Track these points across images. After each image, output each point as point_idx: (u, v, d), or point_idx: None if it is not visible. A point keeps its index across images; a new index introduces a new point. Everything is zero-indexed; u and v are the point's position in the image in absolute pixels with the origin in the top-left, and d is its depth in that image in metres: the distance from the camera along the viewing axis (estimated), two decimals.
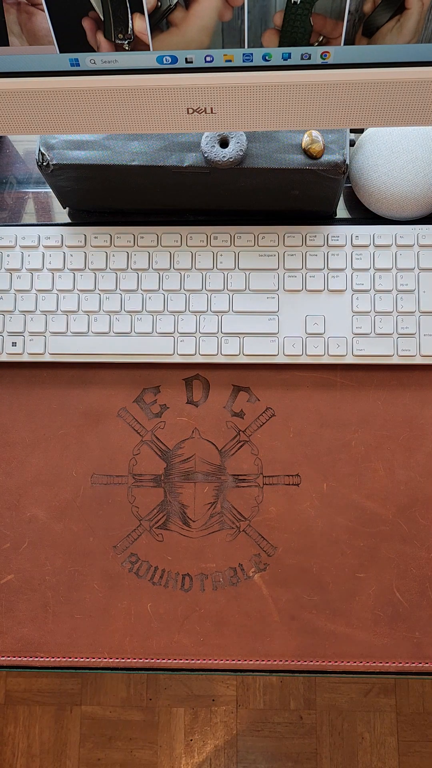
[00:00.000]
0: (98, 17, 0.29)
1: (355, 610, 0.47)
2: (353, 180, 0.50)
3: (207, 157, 0.44)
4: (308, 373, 0.50)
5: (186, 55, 0.31)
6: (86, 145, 0.45)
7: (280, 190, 0.47)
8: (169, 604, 0.48)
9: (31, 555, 0.49)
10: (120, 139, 0.45)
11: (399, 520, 0.48)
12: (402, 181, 0.47)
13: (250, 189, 0.47)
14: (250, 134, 0.44)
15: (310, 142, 0.44)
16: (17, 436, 0.50)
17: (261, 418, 0.50)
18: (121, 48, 0.31)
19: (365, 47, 0.31)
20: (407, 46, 0.30)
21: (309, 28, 0.30)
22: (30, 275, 0.51)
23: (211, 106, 0.34)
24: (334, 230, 0.50)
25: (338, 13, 0.29)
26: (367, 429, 0.49)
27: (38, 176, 0.55)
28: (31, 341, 0.50)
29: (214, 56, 0.31)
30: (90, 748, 1.11)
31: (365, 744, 1.04)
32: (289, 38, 0.30)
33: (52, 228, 0.51)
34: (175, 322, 0.49)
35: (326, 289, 0.49)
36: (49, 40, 0.30)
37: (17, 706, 1.13)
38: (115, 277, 0.50)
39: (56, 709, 1.12)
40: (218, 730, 1.10)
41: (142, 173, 0.45)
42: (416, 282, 0.49)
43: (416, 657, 0.46)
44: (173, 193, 0.48)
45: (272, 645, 0.47)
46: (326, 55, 0.31)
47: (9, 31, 0.30)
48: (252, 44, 0.30)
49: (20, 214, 0.54)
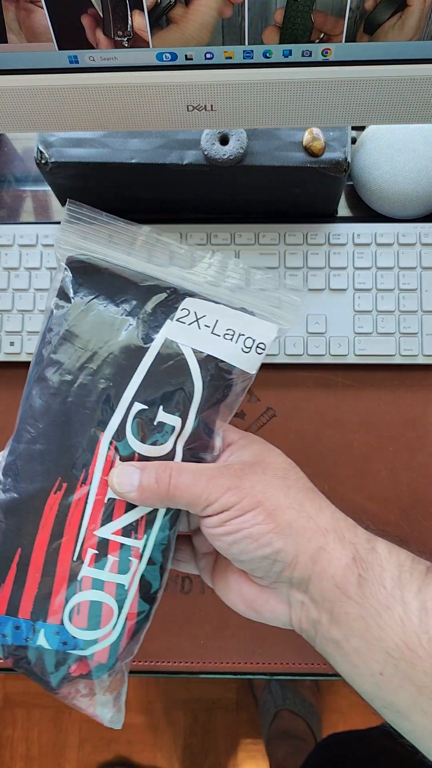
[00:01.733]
0: (97, 14, 0.29)
1: None
2: (355, 178, 0.50)
3: (207, 155, 0.43)
4: (309, 373, 0.49)
5: (186, 52, 0.31)
6: (85, 142, 0.45)
7: (280, 188, 0.47)
8: (168, 607, 0.47)
9: None
10: (119, 137, 0.44)
11: (401, 521, 0.47)
12: (404, 179, 0.47)
13: (250, 187, 0.47)
14: (250, 132, 0.44)
15: (311, 139, 0.43)
16: None
17: (262, 418, 0.49)
18: (121, 45, 0.30)
19: (367, 44, 0.30)
20: (409, 43, 0.30)
21: (310, 25, 0.29)
22: (28, 274, 0.50)
23: (211, 103, 0.34)
24: (336, 228, 0.49)
25: (339, 10, 0.29)
26: (369, 429, 0.48)
27: (37, 174, 0.55)
28: (30, 340, 0.50)
29: (214, 53, 0.31)
30: (89, 752, 1.10)
31: None
32: (290, 35, 0.30)
33: (50, 226, 0.51)
34: None
35: (327, 287, 0.49)
36: (48, 37, 0.30)
37: (16, 709, 1.12)
38: None
39: (55, 712, 1.11)
40: (218, 733, 1.09)
41: (142, 171, 0.45)
42: (418, 281, 0.48)
43: None
44: (173, 191, 0.48)
45: (273, 647, 0.47)
46: (327, 52, 0.31)
47: (7, 28, 0.30)
48: (252, 41, 0.30)
49: (18, 213, 0.54)
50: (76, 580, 0.30)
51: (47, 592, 0.30)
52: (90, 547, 0.30)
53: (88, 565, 0.30)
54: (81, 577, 0.30)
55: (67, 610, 0.30)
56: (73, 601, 0.30)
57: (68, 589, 0.30)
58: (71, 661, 0.31)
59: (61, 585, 0.30)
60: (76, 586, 0.30)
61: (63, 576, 0.30)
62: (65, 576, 0.30)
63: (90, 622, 0.30)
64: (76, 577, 0.30)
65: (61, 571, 0.30)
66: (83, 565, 0.30)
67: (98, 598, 0.30)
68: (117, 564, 0.30)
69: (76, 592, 0.30)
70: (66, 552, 0.30)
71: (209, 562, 0.34)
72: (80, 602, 0.30)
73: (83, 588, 0.30)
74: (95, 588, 0.30)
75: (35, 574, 0.30)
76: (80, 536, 0.30)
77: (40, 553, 0.30)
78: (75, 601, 0.30)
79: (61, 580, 0.30)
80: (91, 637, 0.30)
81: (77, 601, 0.30)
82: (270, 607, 0.30)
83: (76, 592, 0.30)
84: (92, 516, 0.30)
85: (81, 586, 0.30)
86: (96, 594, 0.30)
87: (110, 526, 0.30)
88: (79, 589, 0.30)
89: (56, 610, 0.30)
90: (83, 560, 0.30)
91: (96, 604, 0.30)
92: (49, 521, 0.30)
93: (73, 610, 0.30)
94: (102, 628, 0.30)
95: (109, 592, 0.30)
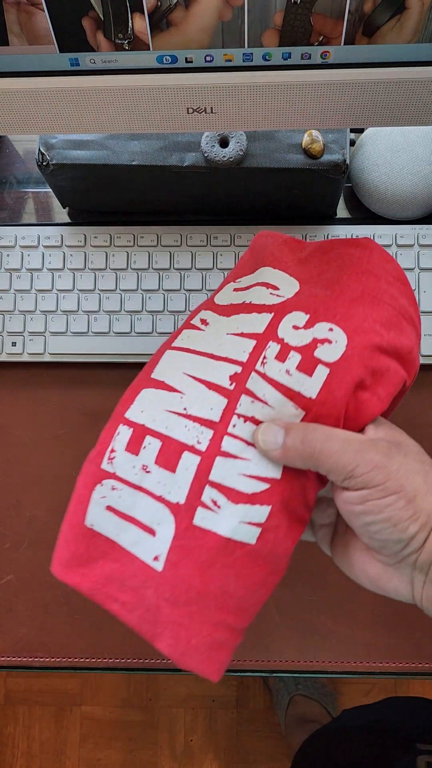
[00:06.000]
0: (98, 17, 0.29)
1: (355, 611, 0.47)
2: (353, 180, 0.50)
3: (207, 157, 0.44)
4: None
5: (186, 55, 0.31)
6: (86, 144, 0.45)
7: (280, 189, 0.47)
8: None
9: (31, 555, 0.49)
10: (120, 139, 0.45)
11: None
12: (402, 180, 0.47)
13: (250, 189, 0.47)
14: (250, 134, 0.44)
15: (310, 141, 0.44)
16: (17, 436, 0.50)
17: None
18: (121, 48, 0.31)
19: (365, 47, 0.30)
20: (407, 45, 0.30)
21: (309, 27, 0.30)
22: (30, 275, 0.51)
23: (211, 105, 0.34)
24: (335, 230, 0.49)
25: (338, 13, 0.29)
26: None
27: (38, 176, 0.55)
28: (31, 341, 0.50)
29: (214, 56, 0.31)
30: (90, 749, 1.11)
31: None
32: (289, 38, 0.30)
33: (51, 228, 0.51)
34: (175, 322, 0.49)
35: None
36: (49, 39, 0.30)
37: (17, 707, 1.13)
38: (114, 276, 0.50)
39: (56, 710, 1.12)
40: (218, 731, 1.10)
41: (142, 173, 0.45)
42: (416, 282, 0.49)
43: (416, 657, 0.46)
44: (173, 192, 0.48)
45: (273, 645, 0.47)
46: (326, 54, 0.31)
47: (9, 31, 0.30)
48: (252, 44, 0.30)
49: (20, 214, 0.54)
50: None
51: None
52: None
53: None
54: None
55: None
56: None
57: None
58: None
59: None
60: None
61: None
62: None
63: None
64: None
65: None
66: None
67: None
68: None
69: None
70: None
71: (327, 533, 0.34)
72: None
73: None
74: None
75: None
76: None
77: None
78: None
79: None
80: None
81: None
82: (393, 584, 0.31)
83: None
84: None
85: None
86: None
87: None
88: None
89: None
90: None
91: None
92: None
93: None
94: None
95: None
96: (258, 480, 0.29)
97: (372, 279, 0.33)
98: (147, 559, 0.29)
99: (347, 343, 0.30)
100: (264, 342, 0.31)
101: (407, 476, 0.28)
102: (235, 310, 0.33)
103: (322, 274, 0.34)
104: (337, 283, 0.33)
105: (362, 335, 0.31)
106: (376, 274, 0.33)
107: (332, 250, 0.35)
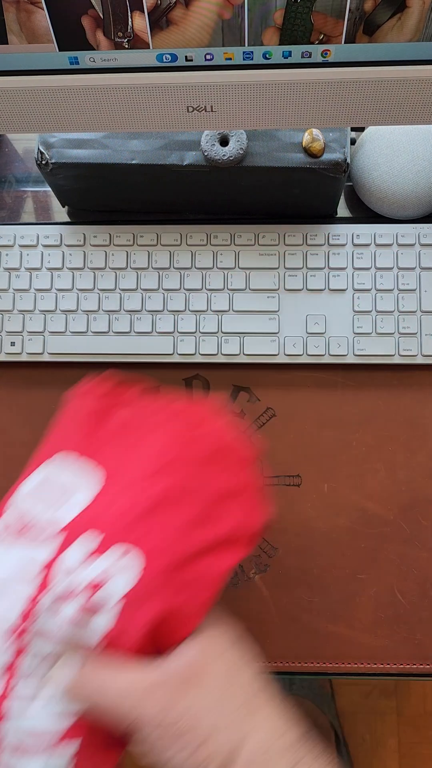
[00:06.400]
0: (98, 15, 0.29)
1: (355, 612, 0.47)
2: (354, 179, 0.50)
3: (207, 156, 0.43)
4: (309, 373, 0.49)
5: (186, 53, 0.31)
6: (86, 143, 0.45)
7: (280, 188, 0.47)
8: None
9: None
10: (119, 138, 0.44)
11: (400, 521, 0.47)
12: (403, 179, 0.47)
13: (250, 188, 0.47)
14: (250, 133, 0.44)
15: (310, 140, 0.44)
16: (16, 436, 0.50)
17: (261, 418, 0.49)
18: (121, 46, 0.31)
19: (366, 45, 0.30)
20: (408, 44, 0.30)
21: (310, 26, 0.29)
22: (29, 274, 0.50)
23: (211, 104, 0.34)
24: (335, 229, 0.49)
25: (339, 12, 0.29)
26: (368, 429, 0.49)
27: (37, 175, 0.55)
28: (30, 341, 0.50)
29: (214, 54, 0.31)
30: None
31: (366, 746, 1.04)
32: (290, 36, 0.30)
33: (51, 227, 0.51)
34: (175, 321, 0.49)
35: (327, 288, 0.49)
36: (49, 38, 0.30)
37: None
38: (114, 276, 0.50)
39: None
40: None
41: (142, 172, 0.45)
42: (417, 281, 0.49)
43: (417, 658, 0.46)
44: (173, 191, 0.48)
45: (273, 647, 0.47)
46: (327, 53, 0.31)
47: (8, 30, 0.30)
48: (252, 42, 0.30)
49: (19, 213, 0.54)
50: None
51: None
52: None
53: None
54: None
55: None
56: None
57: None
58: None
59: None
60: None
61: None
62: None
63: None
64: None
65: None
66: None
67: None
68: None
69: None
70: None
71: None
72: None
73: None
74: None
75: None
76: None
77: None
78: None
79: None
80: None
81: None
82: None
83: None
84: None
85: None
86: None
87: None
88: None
89: None
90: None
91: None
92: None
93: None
94: None
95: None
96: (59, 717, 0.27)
97: (178, 472, 0.31)
98: None
99: (144, 567, 0.28)
100: (43, 586, 0.29)
101: (201, 714, 0.26)
102: (22, 530, 0.31)
103: (123, 463, 0.32)
104: (142, 481, 0.31)
105: (160, 556, 0.29)
106: (183, 459, 0.31)
107: (133, 432, 0.33)
